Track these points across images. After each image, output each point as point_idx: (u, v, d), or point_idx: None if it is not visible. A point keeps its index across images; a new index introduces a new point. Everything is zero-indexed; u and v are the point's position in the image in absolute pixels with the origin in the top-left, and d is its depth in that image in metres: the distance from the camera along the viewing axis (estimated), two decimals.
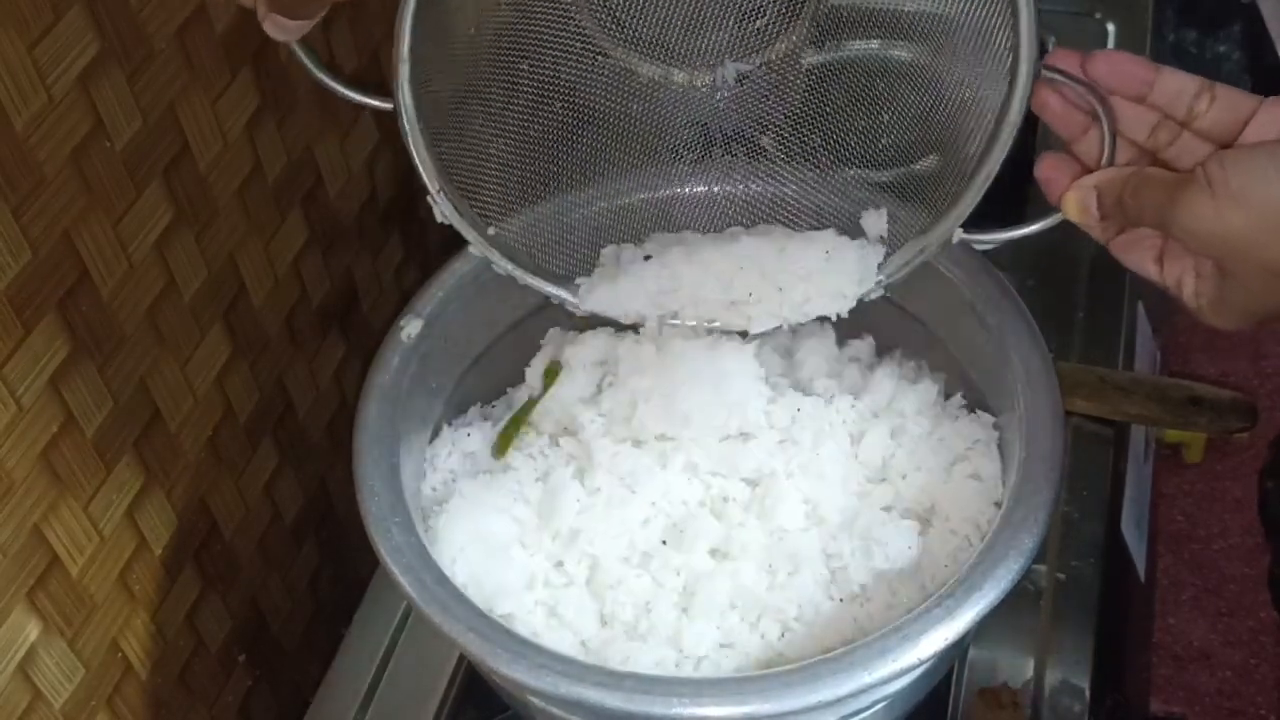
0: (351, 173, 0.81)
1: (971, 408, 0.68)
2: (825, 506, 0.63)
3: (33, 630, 0.60)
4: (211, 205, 0.68)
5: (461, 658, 0.74)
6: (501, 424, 0.71)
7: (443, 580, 0.58)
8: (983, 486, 0.63)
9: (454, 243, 0.64)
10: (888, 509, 0.64)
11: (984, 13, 0.57)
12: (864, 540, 0.61)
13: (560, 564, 0.64)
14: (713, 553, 0.63)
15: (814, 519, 0.63)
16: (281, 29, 0.55)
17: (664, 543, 0.63)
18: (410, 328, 0.67)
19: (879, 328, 0.73)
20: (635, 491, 0.65)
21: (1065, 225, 0.90)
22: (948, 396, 0.70)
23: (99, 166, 0.60)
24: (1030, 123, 0.95)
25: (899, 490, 0.64)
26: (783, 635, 0.61)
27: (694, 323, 0.65)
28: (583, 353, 0.72)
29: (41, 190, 0.56)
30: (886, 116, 0.63)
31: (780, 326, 0.65)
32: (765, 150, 0.64)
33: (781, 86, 0.63)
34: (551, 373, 0.71)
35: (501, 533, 0.64)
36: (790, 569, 0.62)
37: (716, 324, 0.65)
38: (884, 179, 0.91)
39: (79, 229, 0.59)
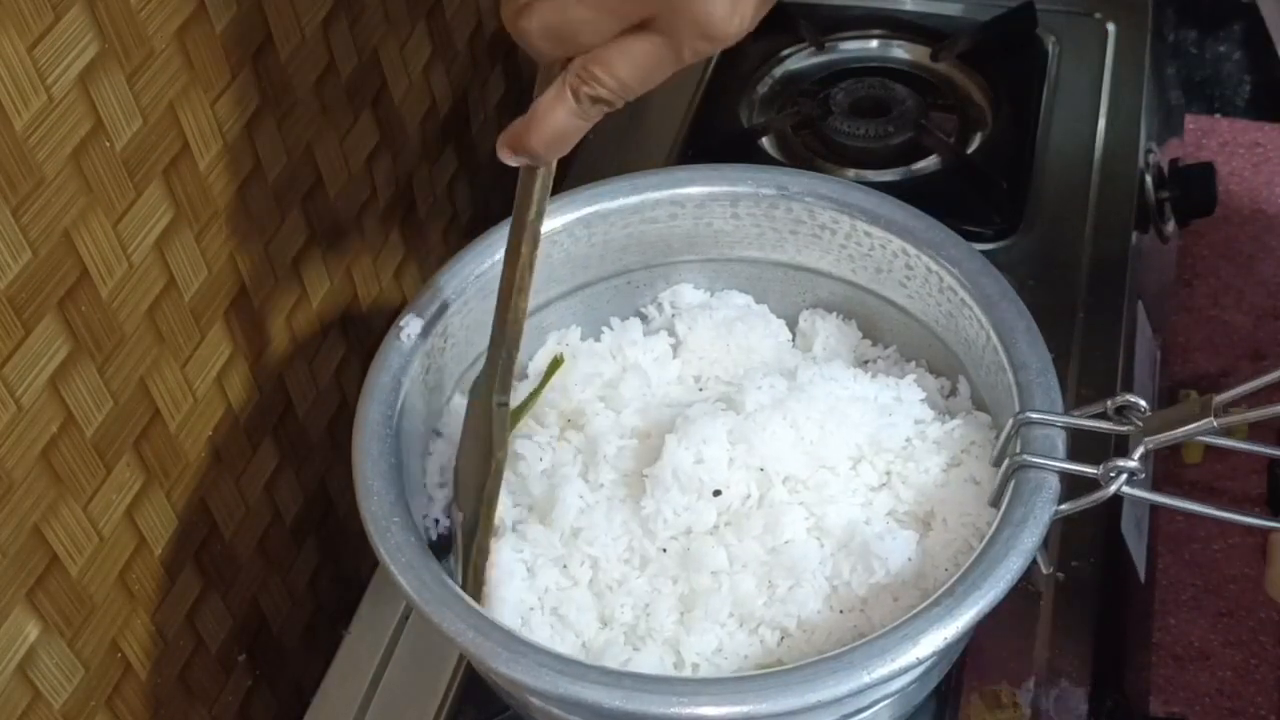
0: (351, 173, 0.81)
1: (970, 408, 0.68)
2: (829, 520, 0.63)
3: (32, 630, 0.60)
4: (211, 205, 0.68)
5: (461, 658, 0.74)
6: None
7: (442, 580, 0.58)
8: (980, 490, 0.63)
9: (454, 242, 0.64)
10: (888, 515, 0.64)
11: None
12: (864, 556, 0.61)
13: (565, 566, 0.64)
14: (714, 574, 0.62)
15: (817, 532, 0.63)
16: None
17: (664, 550, 0.63)
18: (410, 327, 0.67)
19: (878, 328, 0.73)
20: (637, 490, 0.65)
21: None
22: (946, 397, 0.70)
23: (99, 166, 0.60)
24: (1029, 128, 0.96)
25: (899, 495, 0.64)
26: (781, 641, 0.61)
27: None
28: (594, 345, 0.72)
29: (41, 190, 0.56)
30: None
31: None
32: None
33: None
34: (555, 365, 0.71)
35: (520, 577, 0.64)
36: (790, 583, 0.61)
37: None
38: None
39: (79, 229, 0.59)
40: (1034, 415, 0.60)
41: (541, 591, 0.64)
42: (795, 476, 0.63)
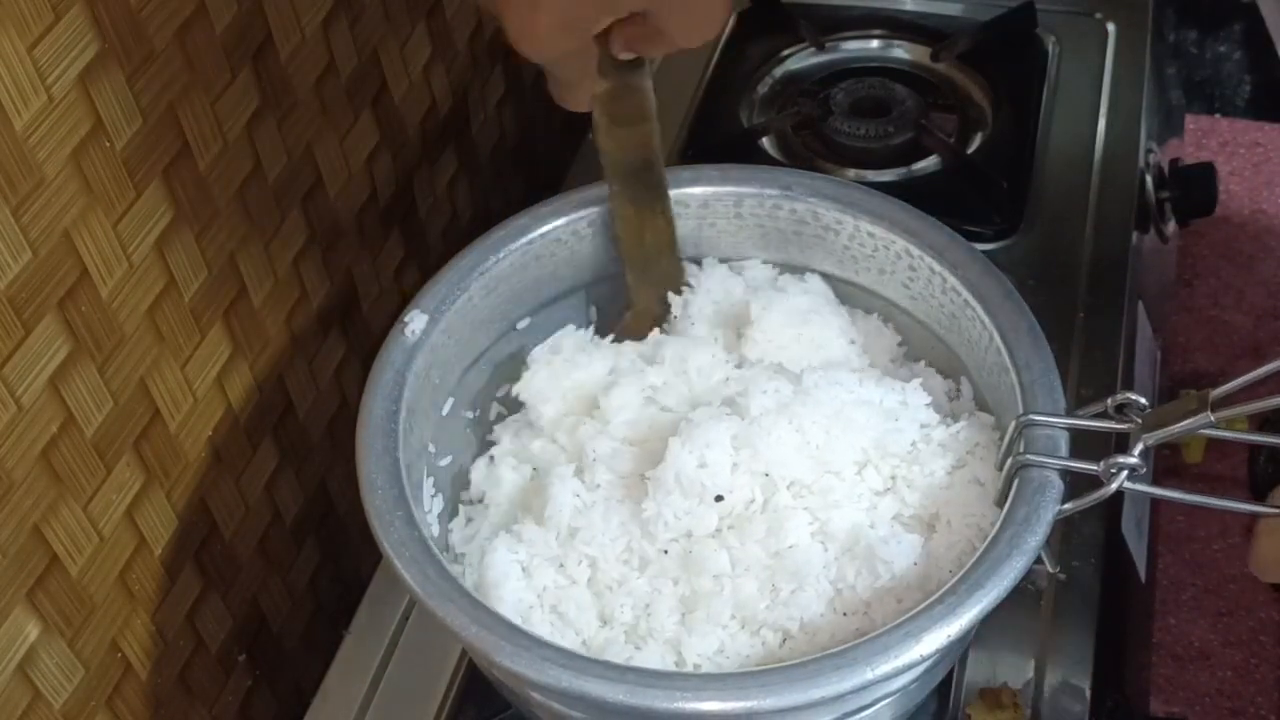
0: (351, 173, 0.81)
1: (973, 409, 0.68)
2: (834, 525, 0.62)
3: (32, 630, 0.60)
4: (211, 205, 0.68)
5: (462, 657, 0.74)
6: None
7: (446, 575, 0.58)
8: (985, 491, 0.63)
9: (454, 242, 0.64)
10: (894, 519, 0.63)
11: None
12: (868, 560, 0.61)
13: (562, 565, 0.64)
14: (716, 577, 0.62)
15: (821, 536, 0.62)
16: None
17: (664, 552, 0.63)
18: (415, 323, 0.67)
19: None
20: (636, 491, 0.64)
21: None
22: (950, 400, 0.70)
23: (99, 166, 0.60)
24: (1029, 128, 0.96)
25: (904, 499, 0.64)
26: (784, 643, 0.61)
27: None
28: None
29: (41, 190, 0.56)
30: None
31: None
32: None
33: None
34: None
35: (516, 577, 0.64)
36: (793, 586, 0.61)
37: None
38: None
39: (79, 229, 0.59)
40: (1036, 417, 0.60)
41: (540, 590, 0.63)
42: (800, 481, 0.63)
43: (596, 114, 0.65)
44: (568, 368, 0.70)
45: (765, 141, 0.97)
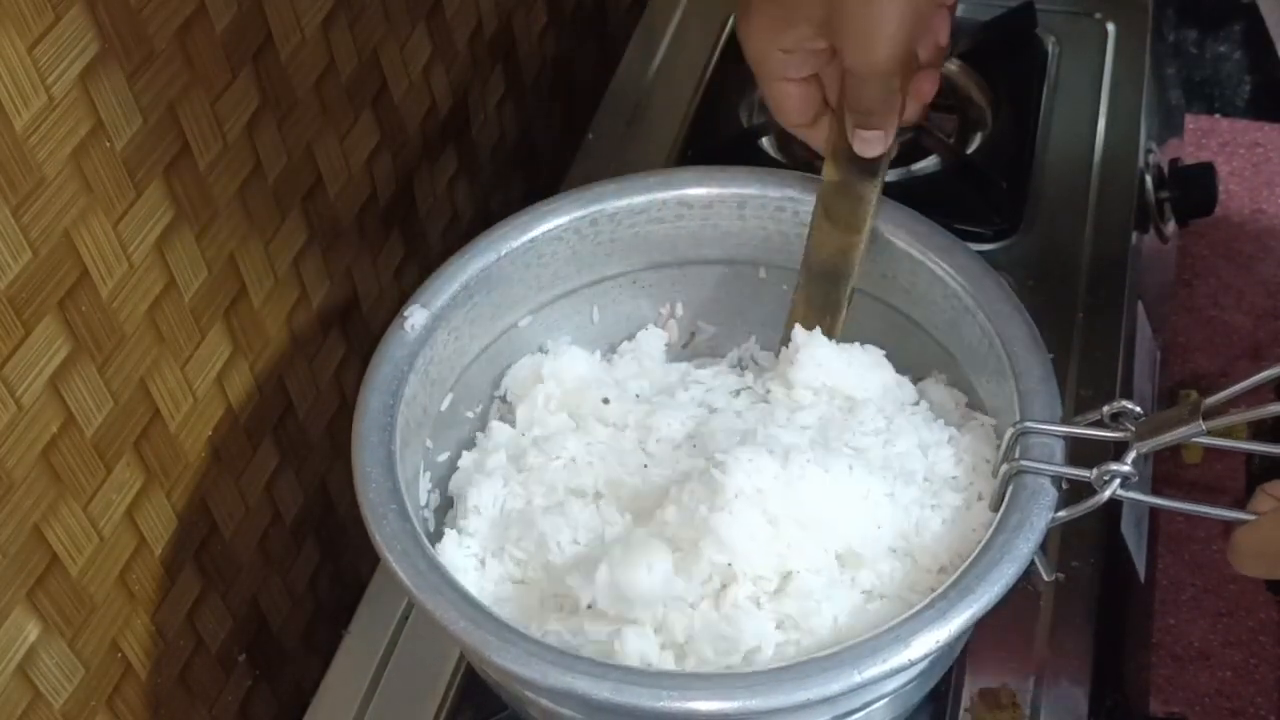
0: (351, 173, 0.81)
1: (973, 415, 0.68)
2: (812, 623, 0.59)
3: (32, 630, 0.60)
4: (211, 205, 0.68)
5: (462, 657, 0.74)
6: None
7: (437, 567, 0.58)
8: (983, 505, 0.62)
9: (454, 242, 0.64)
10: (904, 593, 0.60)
11: None
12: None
13: (505, 559, 0.64)
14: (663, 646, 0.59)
15: (795, 632, 0.59)
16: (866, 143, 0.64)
17: (589, 606, 0.60)
18: (414, 318, 0.67)
19: (876, 336, 0.73)
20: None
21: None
22: (956, 405, 0.69)
23: (99, 166, 0.60)
24: (1029, 128, 0.96)
25: (912, 583, 0.61)
26: None
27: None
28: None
29: (41, 190, 0.56)
30: None
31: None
32: None
33: None
34: None
35: (473, 569, 0.64)
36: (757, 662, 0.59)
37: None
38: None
39: (79, 229, 0.59)
40: (1031, 425, 0.60)
41: (497, 580, 0.63)
42: (764, 576, 0.59)
43: (818, 202, 0.68)
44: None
45: (765, 142, 0.97)
